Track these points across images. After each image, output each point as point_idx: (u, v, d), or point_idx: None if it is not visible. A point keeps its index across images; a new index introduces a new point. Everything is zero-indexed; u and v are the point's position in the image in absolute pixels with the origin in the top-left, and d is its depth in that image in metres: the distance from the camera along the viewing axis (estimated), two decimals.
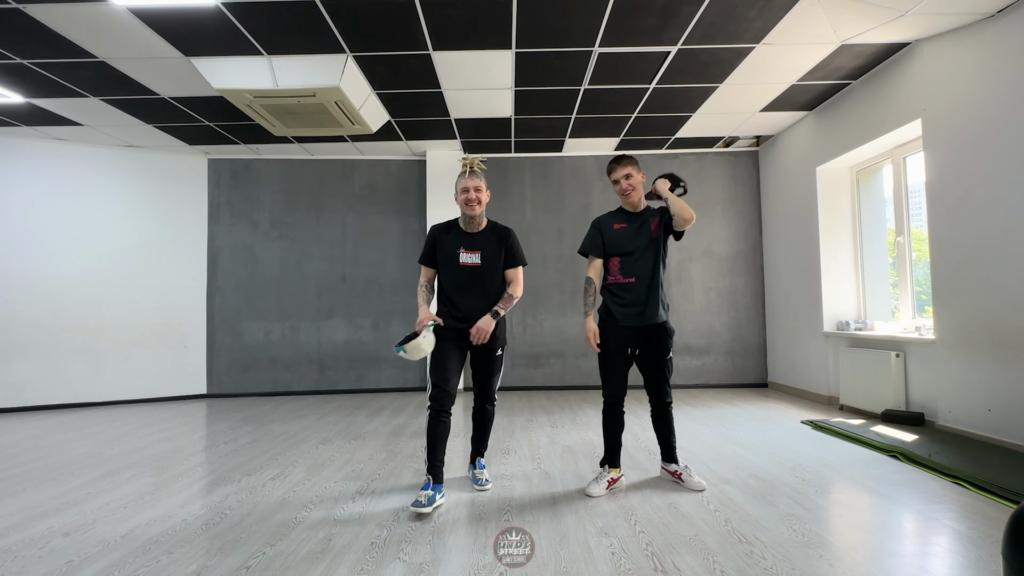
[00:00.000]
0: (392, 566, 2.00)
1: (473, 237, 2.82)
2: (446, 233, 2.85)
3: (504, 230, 2.86)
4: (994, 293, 3.42)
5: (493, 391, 2.92)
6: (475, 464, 2.99)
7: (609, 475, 2.80)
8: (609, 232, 2.85)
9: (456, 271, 2.78)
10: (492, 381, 2.89)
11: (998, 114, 3.37)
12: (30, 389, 5.56)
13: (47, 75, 4.17)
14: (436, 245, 2.85)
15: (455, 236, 2.83)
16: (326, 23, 3.53)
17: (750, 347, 6.30)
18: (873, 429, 3.94)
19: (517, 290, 2.83)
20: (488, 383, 2.89)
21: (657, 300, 2.77)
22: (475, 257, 2.78)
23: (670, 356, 2.83)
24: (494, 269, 2.80)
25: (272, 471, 3.23)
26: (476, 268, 2.78)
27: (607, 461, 2.84)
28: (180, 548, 2.18)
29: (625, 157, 2.84)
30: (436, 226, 2.90)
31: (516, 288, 2.83)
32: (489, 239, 2.82)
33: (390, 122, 5.37)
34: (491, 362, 2.85)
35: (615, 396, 2.80)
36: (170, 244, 6.18)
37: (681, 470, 2.85)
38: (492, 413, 2.98)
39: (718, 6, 3.42)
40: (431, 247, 2.86)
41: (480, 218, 2.82)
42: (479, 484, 2.87)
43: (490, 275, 2.80)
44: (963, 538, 2.16)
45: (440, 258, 2.83)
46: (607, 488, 2.76)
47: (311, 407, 5.47)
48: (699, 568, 1.94)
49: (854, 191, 5.18)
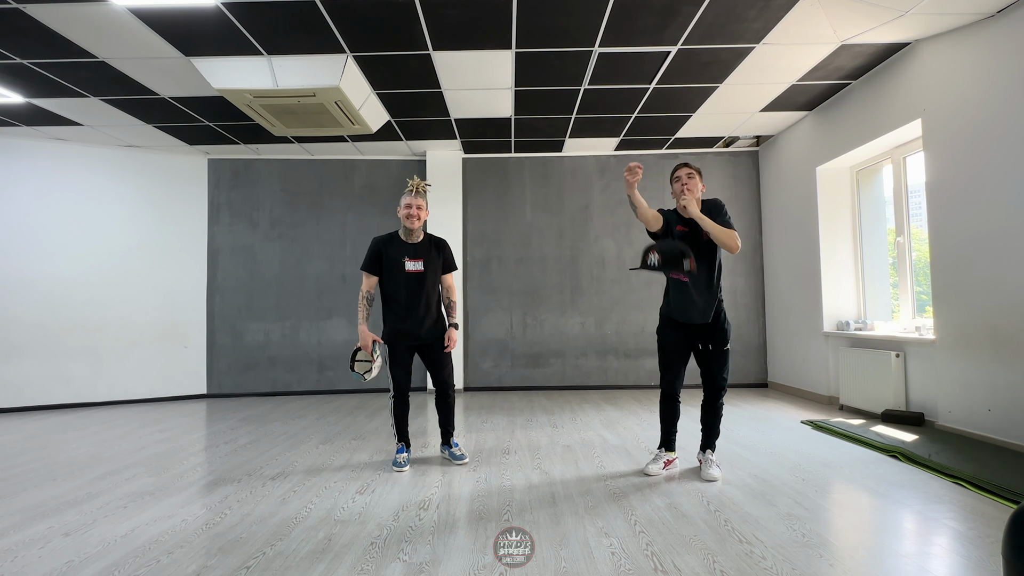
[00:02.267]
0: (392, 566, 2.00)
1: (416, 247, 3.24)
2: (389, 245, 3.22)
3: (439, 241, 3.33)
4: (994, 293, 3.42)
5: (449, 378, 3.35)
6: (448, 444, 3.40)
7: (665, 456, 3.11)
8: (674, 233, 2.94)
9: (403, 278, 3.18)
10: (445, 370, 3.32)
11: (998, 114, 3.37)
12: (30, 389, 5.56)
13: (47, 75, 4.17)
14: (381, 255, 3.20)
15: (398, 247, 3.22)
16: (326, 23, 3.53)
17: (750, 347, 6.30)
18: (873, 429, 3.94)
19: (456, 294, 3.40)
20: (442, 372, 3.32)
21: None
22: (419, 264, 3.21)
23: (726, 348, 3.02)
24: (435, 274, 3.27)
25: (272, 471, 3.23)
26: (421, 274, 3.21)
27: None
28: (180, 548, 2.18)
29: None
30: (378, 238, 3.26)
31: (455, 292, 3.39)
32: (429, 248, 3.26)
33: (390, 122, 5.37)
34: (436, 352, 3.29)
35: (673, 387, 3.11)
36: (170, 244, 6.18)
37: (706, 461, 3.02)
38: (452, 397, 3.40)
39: (718, 6, 3.42)
40: (376, 256, 3.20)
41: (419, 231, 3.24)
42: (457, 459, 3.31)
43: (433, 279, 3.25)
44: (963, 538, 2.16)
45: (385, 267, 3.19)
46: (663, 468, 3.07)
47: (311, 407, 5.47)
48: (699, 568, 1.94)
49: (854, 191, 5.18)
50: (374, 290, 3.26)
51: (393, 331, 3.24)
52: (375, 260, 3.21)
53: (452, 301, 3.36)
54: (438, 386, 3.36)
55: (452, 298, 3.36)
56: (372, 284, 3.24)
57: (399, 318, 3.21)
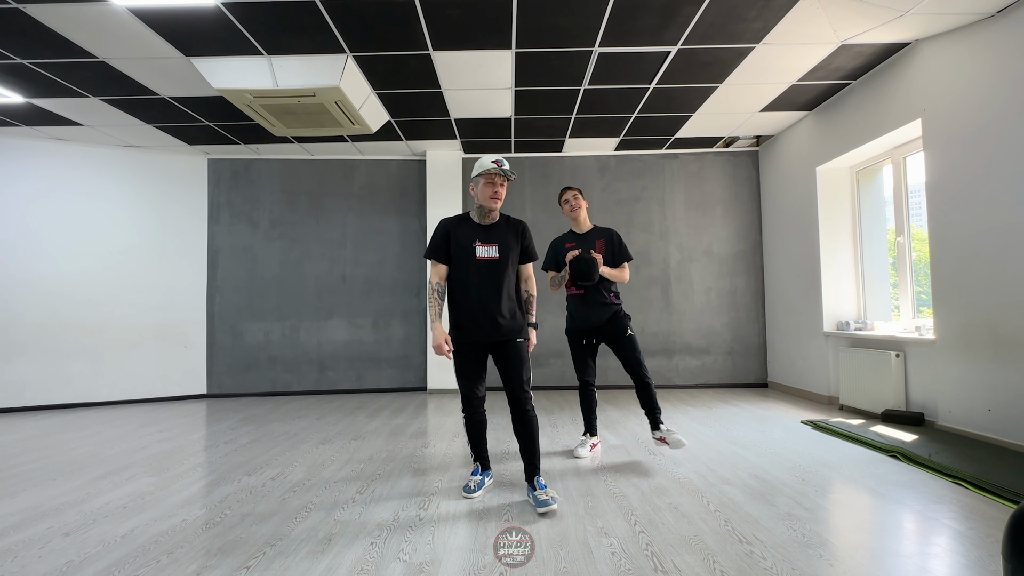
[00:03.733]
0: (392, 566, 2.00)
1: (489, 230, 2.71)
2: (458, 227, 2.72)
3: (518, 223, 2.79)
4: (994, 293, 3.42)
5: (525, 387, 2.67)
6: (533, 485, 2.62)
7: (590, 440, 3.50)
8: (560, 250, 3.45)
9: (472, 266, 2.65)
10: (521, 376, 2.66)
11: (998, 114, 3.37)
12: (30, 389, 5.56)
13: (47, 75, 4.17)
14: (449, 239, 2.70)
15: (469, 229, 2.70)
16: (326, 23, 3.53)
17: (750, 347, 6.30)
18: (873, 429, 3.94)
19: (534, 286, 2.83)
20: (516, 381, 2.66)
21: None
22: (492, 250, 2.66)
23: (630, 334, 3.40)
24: (511, 263, 2.70)
25: (272, 471, 3.23)
26: (494, 262, 2.66)
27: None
28: (180, 548, 2.18)
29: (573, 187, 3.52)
30: (447, 219, 2.77)
31: (532, 284, 2.83)
32: (505, 231, 2.73)
33: (390, 122, 5.37)
34: (515, 353, 2.67)
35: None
36: (170, 244, 6.18)
37: (663, 434, 3.28)
38: (533, 417, 2.69)
39: (718, 6, 3.42)
40: (443, 241, 2.70)
41: (496, 212, 2.73)
42: (541, 504, 2.48)
43: (508, 269, 2.69)
44: (963, 538, 2.16)
45: (454, 253, 2.69)
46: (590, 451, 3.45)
47: (311, 407, 5.47)
48: (699, 568, 1.94)
49: (854, 191, 5.18)
50: (445, 281, 2.74)
51: (459, 331, 2.69)
52: (442, 244, 2.69)
53: (531, 295, 2.80)
54: (513, 401, 2.68)
55: (531, 292, 2.80)
56: (442, 273, 2.71)
57: (468, 315, 2.67)
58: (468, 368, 2.71)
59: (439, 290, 2.70)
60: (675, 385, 6.24)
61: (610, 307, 3.40)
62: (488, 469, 2.90)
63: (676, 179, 6.47)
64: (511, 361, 2.67)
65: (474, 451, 2.87)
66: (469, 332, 2.67)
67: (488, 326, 2.64)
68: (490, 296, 2.64)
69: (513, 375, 2.67)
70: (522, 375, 2.67)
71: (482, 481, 2.81)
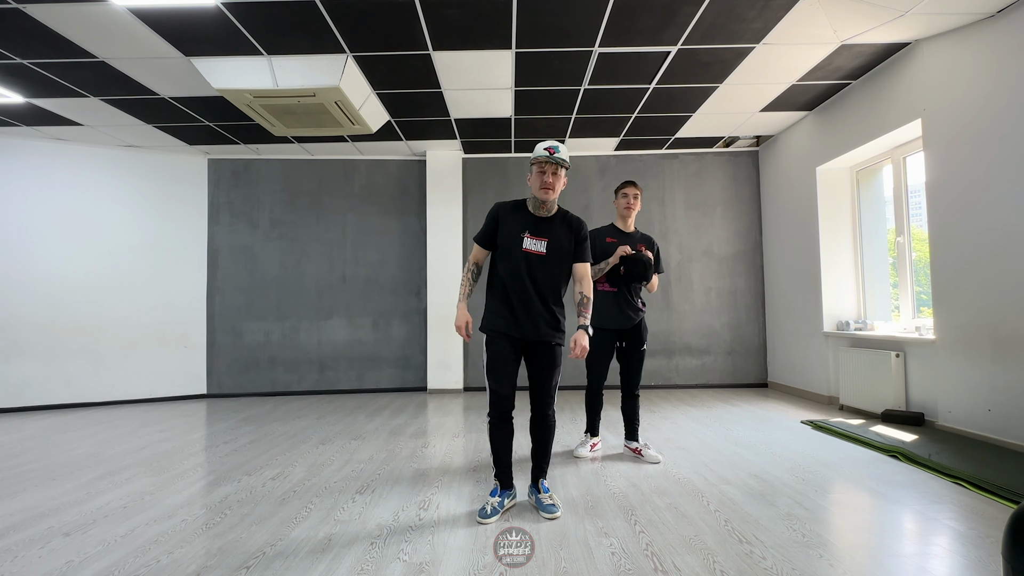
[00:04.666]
0: (392, 566, 2.00)
1: (541, 222, 2.52)
2: (512, 213, 2.54)
3: (576, 220, 2.58)
4: (994, 293, 3.42)
5: (551, 393, 2.57)
6: (537, 487, 2.60)
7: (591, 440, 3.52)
8: (600, 243, 3.37)
9: (516, 257, 2.48)
10: (550, 382, 2.55)
11: (998, 114, 3.37)
12: (30, 389, 5.56)
13: (47, 75, 4.17)
14: (498, 224, 2.53)
15: (522, 217, 2.52)
16: (326, 23, 3.53)
17: (750, 347, 6.30)
18: (873, 429, 3.94)
19: (590, 288, 2.58)
20: (545, 383, 2.55)
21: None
22: (541, 245, 2.48)
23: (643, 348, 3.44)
24: (559, 262, 2.51)
25: (272, 471, 3.23)
26: (540, 257, 2.48)
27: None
28: (180, 548, 2.18)
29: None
30: (501, 204, 2.59)
31: (588, 286, 2.58)
32: (559, 227, 2.53)
33: (390, 122, 5.37)
34: (550, 357, 2.53)
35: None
36: (170, 244, 6.18)
37: (640, 446, 3.39)
38: (552, 422, 2.60)
39: (718, 6, 3.42)
40: (492, 226, 2.55)
41: (552, 204, 2.53)
42: (545, 509, 2.47)
43: (554, 267, 2.50)
44: (963, 538, 2.16)
45: (500, 240, 2.52)
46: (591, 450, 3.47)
47: (311, 407, 5.47)
48: (699, 568, 1.94)
49: (854, 191, 5.18)
50: (483, 262, 2.63)
51: (494, 320, 2.51)
52: (490, 230, 2.55)
53: (586, 297, 2.55)
54: (537, 405, 2.58)
55: (587, 293, 2.56)
56: (481, 256, 2.61)
57: (507, 308, 2.49)
58: (500, 364, 2.48)
59: (473, 271, 2.59)
60: (675, 385, 6.24)
61: (639, 313, 3.39)
62: (509, 488, 2.58)
63: (676, 179, 6.47)
64: (544, 365, 2.53)
65: (496, 464, 2.58)
66: (506, 326, 2.49)
67: (526, 323, 2.47)
68: (531, 292, 2.47)
69: (544, 380, 2.54)
70: (552, 381, 2.55)
71: (501, 503, 2.50)
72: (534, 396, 2.58)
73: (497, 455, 2.58)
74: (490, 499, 2.51)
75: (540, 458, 2.61)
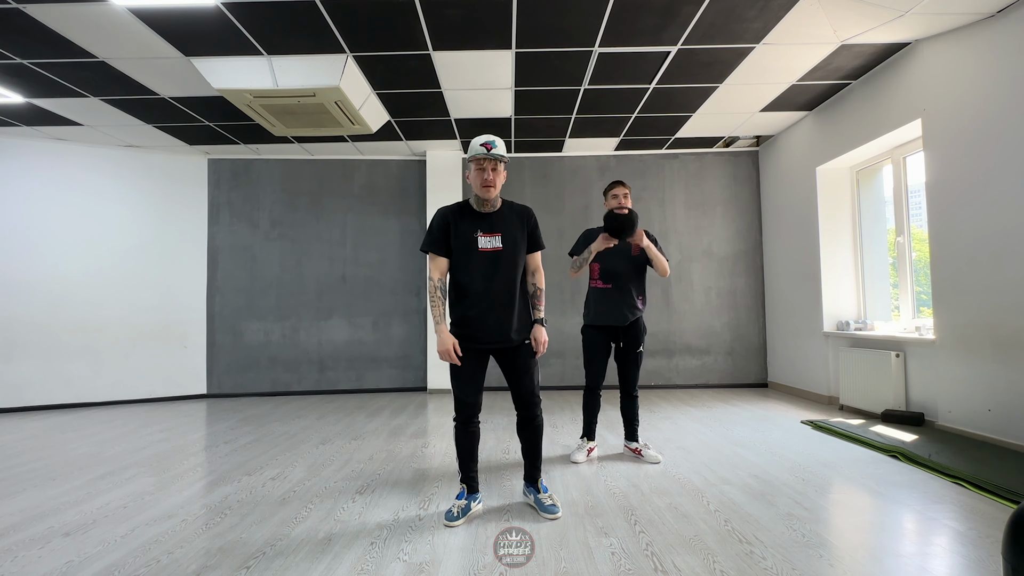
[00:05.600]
0: (392, 566, 2.00)
1: (490, 218, 2.44)
2: (459, 216, 2.45)
3: (522, 209, 2.52)
4: (994, 293, 3.42)
5: (535, 393, 2.52)
6: (536, 487, 2.58)
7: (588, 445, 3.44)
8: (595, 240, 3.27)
9: (474, 259, 2.40)
10: (532, 382, 2.50)
11: (998, 114, 3.37)
12: (30, 389, 5.56)
13: (47, 75, 4.17)
14: (449, 229, 2.43)
15: (470, 218, 2.44)
16: (326, 23, 3.53)
17: (750, 347, 6.30)
18: (873, 429, 3.94)
19: (542, 279, 2.55)
20: (525, 385, 2.50)
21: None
22: (496, 240, 2.41)
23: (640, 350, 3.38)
24: (517, 253, 2.44)
25: (272, 471, 3.23)
26: (497, 253, 2.40)
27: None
28: (180, 548, 2.18)
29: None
30: (444, 208, 2.48)
31: (541, 277, 2.54)
32: (509, 219, 2.47)
33: (390, 122, 5.37)
34: (524, 356, 2.47)
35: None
36: (170, 244, 6.18)
37: (640, 447, 3.39)
38: (541, 422, 2.57)
39: (718, 6, 3.42)
40: (443, 232, 2.43)
41: (495, 199, 2.46)
42: (545, 509, 2.46)
43: (514, 261, 2.43)
44: (963, 538, 2.16)
45: (454, 245, 2.43)
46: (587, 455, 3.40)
47: (311, 407, 5.47)
48: (699, 568, 1.94)
49: (854, 191, 5.18)
50: (446, 276, 2.49)
51: (460, 332, 2.43)
52: (442, 236, 2.42)
53: (539, 289, 2.51)
54: (520, 405, 2.54)
55: (539, 285, 2.52)
56: (442, 268, 2.45)
57: (470, 314, 2.41)
58: (466, 371, 2.42)
59: (441, 288, 2.44)
60: (675, 385, 6.24)
61: (635, 311, 3.29)
62: (476, 492, 2.55)
63: (676, 179, 6.47)
64: (520, 368, 2.48)
65: (462, 468, 2.53)
66: (471, 333, 2.42)
67: (494, 328, 2.41)
68: (496, 293, 2.39)
69: (524, 382, 2.49)
70: (534, 381, 2.51)
71: (467, 506, 2.46)
72: (518, 399, 2.54)
73: (463, 460, 2.53)
74: (456, 502, 2.47)
75: (533, 458, 2.60)
